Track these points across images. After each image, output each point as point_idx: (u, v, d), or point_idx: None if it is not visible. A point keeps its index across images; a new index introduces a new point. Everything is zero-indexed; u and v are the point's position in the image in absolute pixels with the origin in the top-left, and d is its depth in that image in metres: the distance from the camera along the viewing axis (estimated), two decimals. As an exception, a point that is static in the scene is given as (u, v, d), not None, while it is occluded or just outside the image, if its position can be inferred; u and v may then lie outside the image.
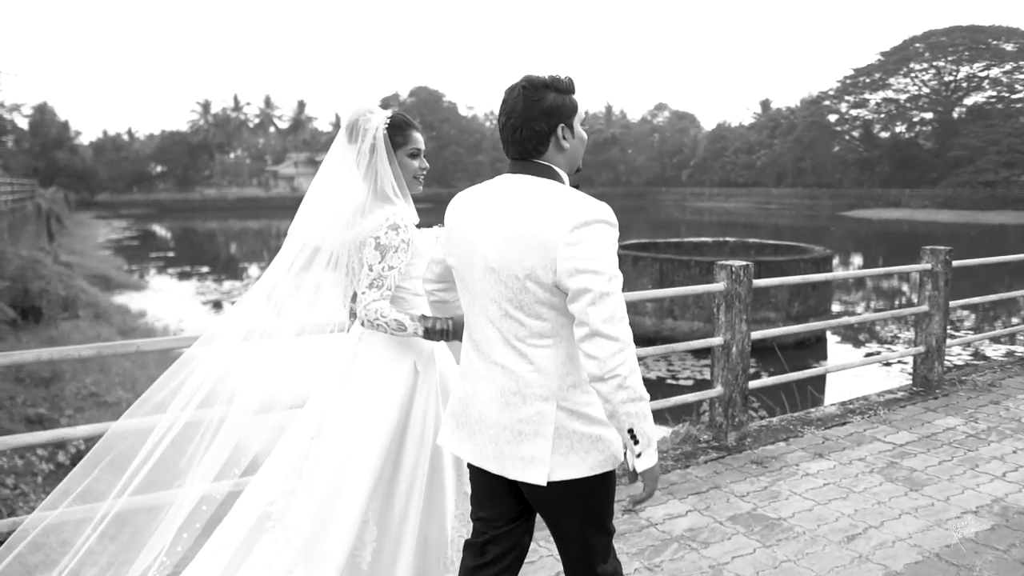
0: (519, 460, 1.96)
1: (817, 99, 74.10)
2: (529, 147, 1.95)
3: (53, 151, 67.08)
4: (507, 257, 1.89)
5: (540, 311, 1.90)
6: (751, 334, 4.54)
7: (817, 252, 18.64)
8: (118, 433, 2.36)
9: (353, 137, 2.41)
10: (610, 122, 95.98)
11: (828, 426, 4.88)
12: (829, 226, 53.27)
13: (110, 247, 39.78)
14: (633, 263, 17.90)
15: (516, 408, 1.95)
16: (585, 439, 1.94)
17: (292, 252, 2.45)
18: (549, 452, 1.92)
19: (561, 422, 1.93)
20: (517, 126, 1.94)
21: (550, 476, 1.92)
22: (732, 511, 3.64)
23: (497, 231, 1.92)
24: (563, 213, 1.84)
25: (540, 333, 1.92)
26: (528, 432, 1.94)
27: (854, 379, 11.86)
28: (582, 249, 1.81)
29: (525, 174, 1.97)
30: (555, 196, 1.89)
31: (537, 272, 1.85)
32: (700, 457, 4.34)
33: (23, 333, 16.00)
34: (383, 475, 2.47)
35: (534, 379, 1.93)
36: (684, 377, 14.53)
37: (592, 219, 1.83)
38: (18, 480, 7.61)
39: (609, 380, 1.79)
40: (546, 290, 1.87)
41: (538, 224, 1.85)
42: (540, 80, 1.96)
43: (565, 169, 2.00)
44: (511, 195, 1.94)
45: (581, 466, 1.93)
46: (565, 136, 1.95)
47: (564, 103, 1.95)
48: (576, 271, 1.80)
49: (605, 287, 1.79)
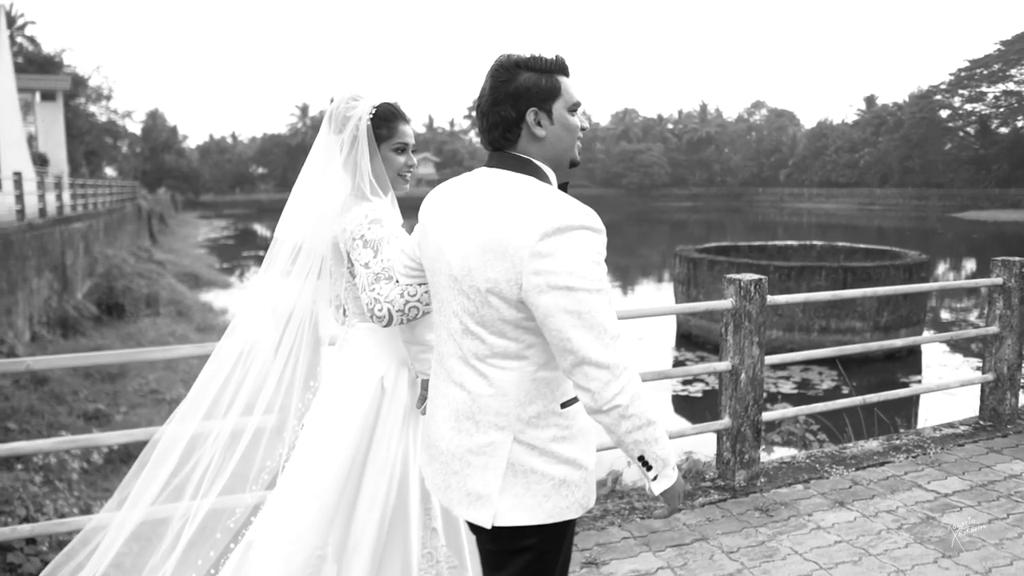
0: (465, 495, 1.72)
1: (927, 93, 69.93)
2: (496, 135, 1.70)
3: (162, 154, 71.11)
4: (469, 266, 1.64)
5: (504, 329, 1.64)
6: (764, 357, 3.93)
7: (911, 257, 17.22)
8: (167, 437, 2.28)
9: (337, 127, 2.22)
10: (705, 121, 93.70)
11: (862, 466, 4.20)
12: (938, 229, 50.00)
13: (207, 246, 41.46)
14: (709, 268, 17.07)
15: (468, 435, 1.71)
16: (545, 481, 1.67)
17: (284, 257, 2.28)
18: (498, 491, 1.67)
19: (517, 458, 1.67)
20: (484, 111, 1.71)
21: (496, 519, 1.67)
22: (713, 571, 3.08)
23: (460, 235, 1.67)
24: (532, 217, 1.56)
25: (503, 354, 1.66)
26: (477, 465, 1.70)
27: (949, 398, 10.69)
28: (555, 261, 1.53)
29: (499, 168, 1.71)
30: (526, 196, 1.61)
31: (501, 286, 1.59)
32: (698, 499, 3.77)
33: (105, 328, 16.67)
34: (342, 503, 2.22)
35: (491, 404, 1.67)
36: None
37: (568, 224, 1.55)
38: (50, 476, 7.71)
39: (609, 412, 1.56)
40: (511, 307, 1.61)
41: (503, 229, 1.59)
42: (514, 59, 1.70)
43: (547, 163, 1.72)
44: (479, 193, 1.69)
45: (536, 511, 1.66)
46: (540, 122, 1.68)
47: (538, 84, 1.67)
48: (548, 287, 1.54)
49: (586, 306, 1.53)
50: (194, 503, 2.23)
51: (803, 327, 15.76)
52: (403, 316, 2.03)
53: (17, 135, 21.50)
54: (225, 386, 2.28)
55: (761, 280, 3.87)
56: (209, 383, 2.29)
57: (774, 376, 14.13)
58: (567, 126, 1.71)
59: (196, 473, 2.25)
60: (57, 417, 10.19)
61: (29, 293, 14.33)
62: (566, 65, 1.73)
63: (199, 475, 2.25)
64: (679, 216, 69.48)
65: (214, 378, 2.29)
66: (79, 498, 7.64)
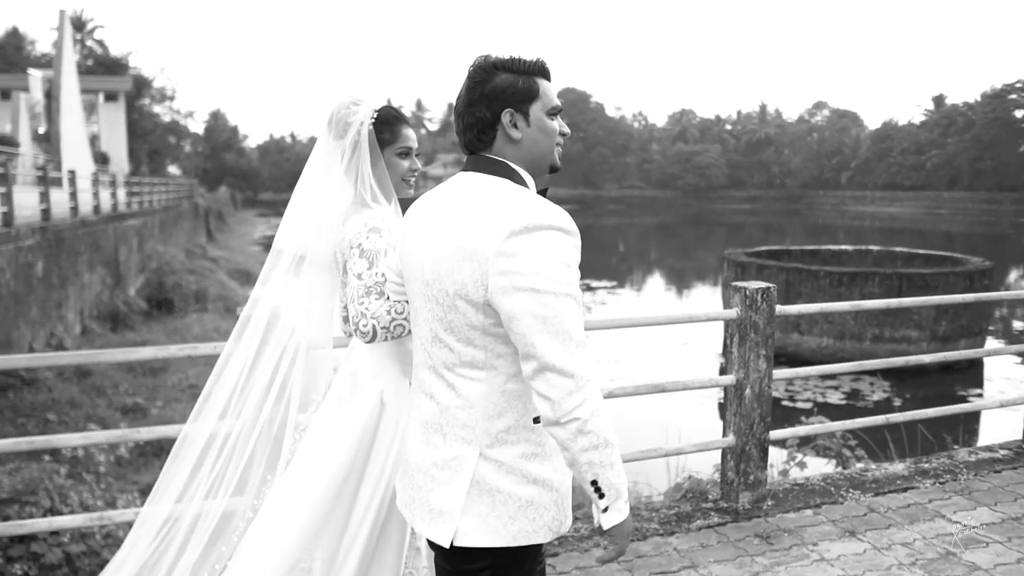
0: (427, 511, 1.65)
1: (1000, 92, 67.18)
2: (471, 137, 1.66)
3: (223, 153, 73.27)
4: (438, 269, 1.60)
5: (471, 336, 1.59)
6: (773, 371, 3.66)
7: (973, 264, 16.39)
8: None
9: (338, 133, 2.18)
10: (764, 122, 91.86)
11: (882, 491, 3.88)
12: (1011, 234, 47.82)
13: (263, 243, 42.31)
14: (757, 272, 16.58)
15: (435, 448, 1.65)
16: (512, 501, 1.59)
17: (283, 267, 2.23)
18: (460, 509, 1.60)
19: (482, 475, 1.60)
20: (460, 112, 1.68)
21: (456, 538, 1.60)
22: (697, 605, 2.84)
23: (432, 240, 1.64)
24: (499, 217, 1.52)
25: (471, 363, 1.60)
26: (441, 479, 1.63)
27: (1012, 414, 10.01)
28: (520, 261, 1.48)
29: (473, 171, 1.67)
30: (495, 197, 1.57)
31: (467, 288, 1.55)
32: (695, 521, 3.52)
33: (153, 323, 17.09)
34: (334, 516, 2.16)
35: (458, 416, 1.62)
36: (803, 399, 13.18)
37: (536, 223, 1.50)
38: (77, 468, 7.83)
39: (567, 424, 1.47)
40: (478, 311, 1.55)
41: (471, 230, 1.55)
42: (491, 59, 1.67)
43: (524, 166, 1.67)
44: (452, 196, 1.66)
45: (501, 533, 1.59)
46: (516, 124, 1.64)
47: (514, 85, 1.63)
48: (513, 288, 1.48)
49: (551, 309, 1.47)
50: (212, 502, 2.20)
51: (855, 335, 15.17)
52: (387, 333, 2.02)
53: (79, 135, 22.27)
54: (235, 390, 2.25)
55: (769, 289, 3.60)
56: (223, 384, 2.26)
57: (822, 386, 13.62)
58: (544, 129, 1.66)
59: (213, 472, 2.23)
60: (96, 410, 10.41)
61: (81, 288, 14.75)
62: (546, 68, 1.69)
63: (215, 474, 2.23)
64: (736, 219, 68.23)
65: (226, 380, 2.26)
66: (105, 490, 7.73)
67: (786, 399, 13.17)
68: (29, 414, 9.80)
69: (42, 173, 13.27)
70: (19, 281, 11.48)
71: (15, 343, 11.21)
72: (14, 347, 11.13)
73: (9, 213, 11.58)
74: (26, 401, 10.05)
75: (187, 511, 2.20)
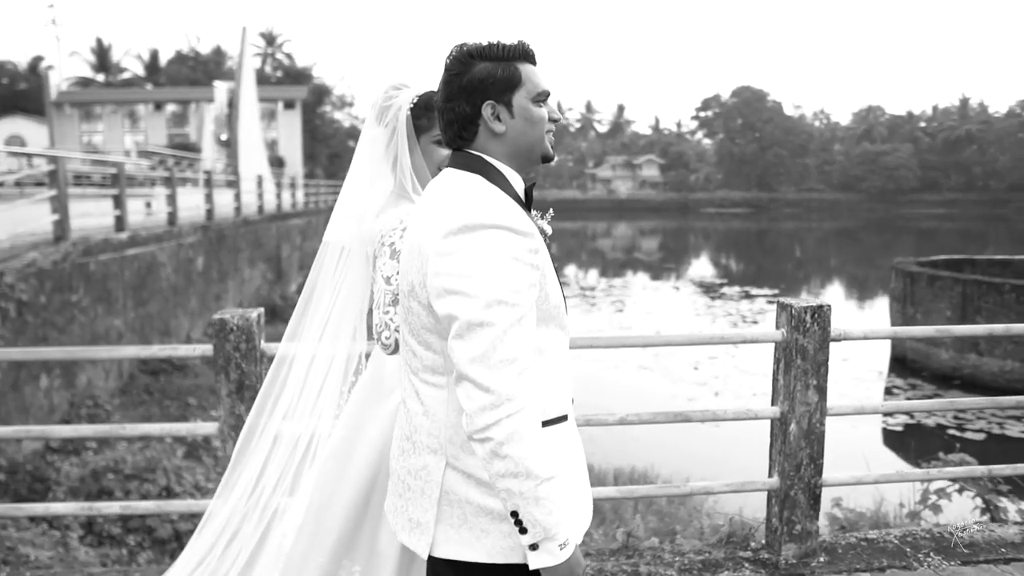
0: (407, 520, 1.63)
1: None
2: (451, 134, 1.59)
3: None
4: (403, 268, 1.60)
5: (428, 339, 1.55)
6: (827, 404, 3.09)
7: None
8: None
9: (380, 118, 2.12)
10: (965, 117, 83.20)
11: (972, 560, 3.16)
12: None
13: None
14: (928, 284, 14.92)
15: (408, 456, 1.63)
16: (483, 514, 1.52)
17: (331, 261, 2.19)
18: (434, 519, 1.56)
19: (451, 485, 1.55)
20: (440, 108, 1.60)
21: (432, 549, 1.56)
22: None
23: (407, 240, 1.62)
24: (442, 215, 1.48)
25: (432, 367, 1.57)
26: (416, 488, 1.60)
27: None
28: (452, 262, 1.42)
29: (454, 167, 1.60)
30: (451, 194, 1.52)
31: (416, 289, 1.53)
32: (721, 573, 3.04)
33: (278, 324, 18.16)
34: (363, 529, 2.13)
35: (423, 424, 1.58)
36: (974, 428, 11.66)
37: (477, 222, 1.42)
38: (195, 451, 8.36)
39: (482, 443, 1.38)
40: (426, 311, 1.52)
41: (421, 229, 1.53)
42: (467, 48, 1.57)
43: (508, 160, 1.58)
44: (427, 195, 1.63)
45: (476, 547, 1.52)
46: (498, 116, 1.55)
47: (493, 74, 1.54)
48: (444, 291, 1.43)
49: (477, 315, 1.38)
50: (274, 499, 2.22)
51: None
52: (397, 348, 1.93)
53: (255, 140, 24.19)
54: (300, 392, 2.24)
55: (822, 307, 3.03)
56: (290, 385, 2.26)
57: (1000, 415, 11.96)
58: (530, 118, 1.57)
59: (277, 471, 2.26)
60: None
61: (240, 282, 15.93)
62: (529, 50, 1.58)
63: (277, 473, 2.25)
64: (928, 224, 62.32)
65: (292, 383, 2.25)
66: (220, 473, 8.19)
67: (953, 427, 11.74)
68: (175, 397, 10.66)
69: (207, 177, 14.44)
70: (179, 275, 12.53)
71: (173, 332, 12.24)
72: (172, 336, 12.15)
73: (174, 213, 12.68)
74: (174, 385, 10.93)
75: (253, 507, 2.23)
